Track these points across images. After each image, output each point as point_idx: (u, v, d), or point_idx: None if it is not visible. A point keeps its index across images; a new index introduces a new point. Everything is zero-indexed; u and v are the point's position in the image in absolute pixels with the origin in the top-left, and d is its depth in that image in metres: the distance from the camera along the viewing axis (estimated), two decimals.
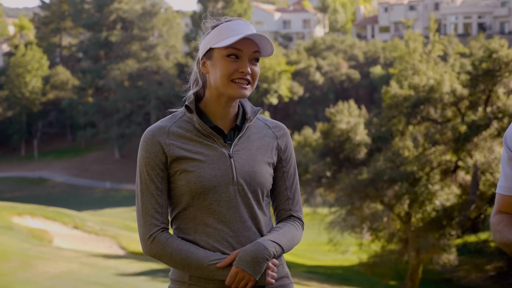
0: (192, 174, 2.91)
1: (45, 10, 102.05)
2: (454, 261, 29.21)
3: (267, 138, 3.08)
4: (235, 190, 2.94)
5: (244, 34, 2.90)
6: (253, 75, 2.95)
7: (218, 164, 2.94)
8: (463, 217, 29.47)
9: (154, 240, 2.92)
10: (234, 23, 2.97)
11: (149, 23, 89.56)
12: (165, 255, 2.90)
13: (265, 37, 2.90)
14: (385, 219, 30.15)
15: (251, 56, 2.94)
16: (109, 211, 60.02)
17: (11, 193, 71.58)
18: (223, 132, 3.01)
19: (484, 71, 28.49)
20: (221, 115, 3.01)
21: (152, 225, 2.93)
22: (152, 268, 25.44)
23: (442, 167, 29.81)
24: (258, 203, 3.01)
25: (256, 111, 3.09)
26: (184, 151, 2.94)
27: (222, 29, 2.96)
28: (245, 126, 3.03)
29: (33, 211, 35.94)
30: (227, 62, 2.92)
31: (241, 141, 3.01)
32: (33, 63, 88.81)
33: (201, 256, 2.87)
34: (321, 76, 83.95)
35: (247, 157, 2.99)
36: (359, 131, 31.71)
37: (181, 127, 2.98)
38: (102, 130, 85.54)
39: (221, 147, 2.97)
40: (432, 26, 39.85)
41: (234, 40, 2.88)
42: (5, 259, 22.91)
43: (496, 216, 3.21)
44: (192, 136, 2.97)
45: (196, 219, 2.96)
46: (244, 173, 2.96)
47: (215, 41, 2.95)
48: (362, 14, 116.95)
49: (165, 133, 2.96)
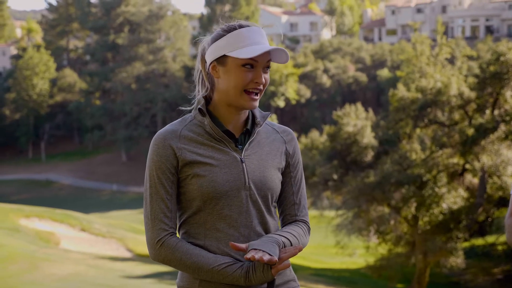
0: (204, 179, 2.88)
1: (52, 12, 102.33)
2: (461, 264, 29.14)
3: (276, 143, 3.07)
4: (246, 195, 2.93)
5: (262, 45, 2.90)
6: (265, 84, 2.95)
7: (231, 168, 2.92)
8: (471, 220, 29.39)
9: (163, 245, 2.88)
10: (249, 30, 2.92)
11: (156, 25, 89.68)
12: (175, 259, 2.87)
13: (284, 51, 2.89)
14: (392, 222, 30.09)
15: (265, 65, 2.93)
16: (116, 213, 60.07)
17: (18, 196, 71.74)
18: (234, 136, 2.99)
19: (491, 74, 28.41)
20: (232, 120, 2.99)
21: (161, 230, 2.89)
22: (158, 270, 25.47)
23: (450, 170, 29.74)
24: (267, 208, 3.00)
25: (265, 115, 3.08)
26: (196, 155, 2.91)
27: (238, 37, 2.91)
28: (255, 130, 3.01)
29: (41, 213, 36.02)
30: (243, 72, 2.89)
31: (251, 146, 2.99)
32: (40, 66, 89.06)
33: (212, 260, 2.84)
34: (328, 79, 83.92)
35: (258, 162, 2.98)
36: (366, 134, 31.66)
37: (192, 130, 2.96)
38: (109, 133, 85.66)
39: (232, 152, 2.95)
40: (439, 29, 39.70)
41: (257, 54, 2.85)
42: (12, 261, 22.96)
43: (511, 218, 3.21)
44: (204, 140, 2.94)
45: (206, 224, 2.93)
46: (255, 178, 2.95)
47: (230, 48, 2.91)
48: (369, 17, 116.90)
49: (176, 137, 2.92)
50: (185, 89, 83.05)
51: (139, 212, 60.17)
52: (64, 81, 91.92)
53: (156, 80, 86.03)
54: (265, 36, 2.95)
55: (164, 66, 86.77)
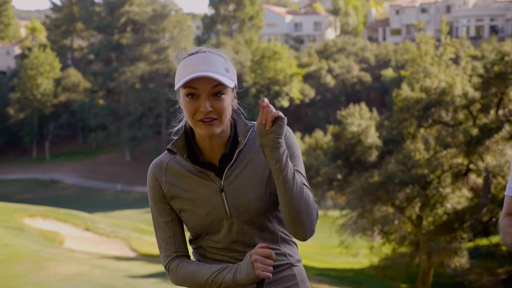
0: (189, 213, 2.99)
1: (56, 12, 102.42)
2: (465, 264, 29.10)
3: (261, 154, 2.97)
4: (230, 224, 2.96)
5: (195, 73, 2.81)
6: (216, 111, 2.84)
7: (211, 200, 2.95)
8: (475, 220, 29.37)
9: (169, 271, 3.06)
10: (192, 58, 2.88)
11: (160, 25, 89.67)
12: (180, 280, 3.02)
13: (211, 76, 2.80)
14: (396, 222, 30.07)
15: (211, 92, 2.83)
16: (120, 213, 60.10)
17: (22, 195, 71.82)
18: (214, 165, 2.97)
19: (496, 74, 28.39)
20: (209, 147, 2.97)
21: (165, 257, 3.07)
22: (162, 270, 25.44)
23: (454, 170, 29.72)
24: (261, 228, 2.99)
25: (247, 130, 3.00)
26: (179, 189, 2.99)
27: (180, 68, 2.89)
28: (235, 152, 2.96)
29: (45, 213, 36.07)
30: (188, 102, 2.86)
31: (233, 169, 2.95)
32: (45, 66, 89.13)
33: (206, 272, 2.93)
34: (332, 79, 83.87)
35: (240, 185, 2.95)
36: (370, 133, 31.65)
37: (179, 162, 3.00)
38: (113, 133, 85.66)
39: (213, 182, 2.95)
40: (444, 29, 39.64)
41: (182, 83, 2.82)
42: (17, 261, 23.00)
43: (505, 219, 3.20)
44: (187, 172, 2.98)
45: (204, 248, 3.05)
46: (237, 204, 2.95)
47: (176, 80, 2.91)
48: (373, 16, 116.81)
49: (162, 170, 3.01)
50: None
51: (143, 212, 60.22)
52: (68, 81, 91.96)
53: (160, 80, 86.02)
54: (212, 63, 2.86)
55: (168, 65, 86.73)
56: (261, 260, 2.81)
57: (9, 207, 36.88)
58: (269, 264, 2.82)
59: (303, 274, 3.11)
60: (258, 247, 2.83)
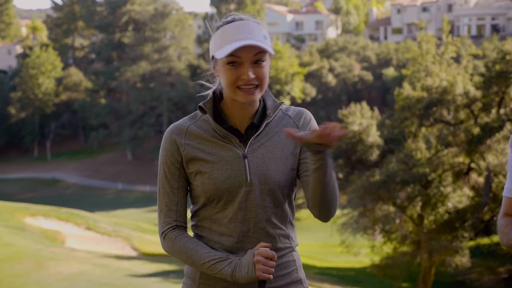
0: (205, 176, 2.93)
1: (57, 11, 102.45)
2: (466, 263, 29.10)
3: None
4: (248, 191, 2.92)
5: (239, 41, 2.82)
6: (258, 78, 2.87)
7: (232, 165, 2.93)
8: (476, 219, 29.37)
9: (165, 238, 3.00)
10: (231, 26, 2.89)
11: (161, 24, 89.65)
12: (174, 252, 2.98)
13: (256, 44, 2.83)
14: (398, 221, 30.07)
15: (253, 59, 2.86)
16: (122, 212, 60.15)
17: (24, 194, 71.85)
18: (239, 132, 2.98)
19: (497, 73, 28.38)
20: (239, 115, 2.98)
21: (165, 223, 3.01)
22: (164, 269, 25.48)
23: (455, 169, 29.72)
24: (276, 203, 2.97)
25: (277, 105, 3.04)
26: (199, 152, 2.95)
27: (220, 35, 2.90)
28: (263, 123, 2.99)
29: (46, 212, 36.08)
30: (228, 70, 2.87)
31: (258, 139, 2.97)
32: (47, 65, 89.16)
33: (204, 255, 2.90)
34: (333, 78, 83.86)
35: (263, 155, 2.95)
36: (371, 132, 31.65)
37: (200, 126, 2.99)
38: (114, 132, 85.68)
39: (236, 148, 2.95)
40: (445, 28, 39.66)
41: (227, 53, 2.83)
42: (19, 260, 23.00)
43: (503, 219, 3.20)
44: (209, 136, 2.96)
45: (211, 218, 2.99)
46: (258, 173, 2.93)
47: (215, 49, 2.92)
48: (375, 15, 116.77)
49: (182, 133, 2.98)
50: (191, 88, 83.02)
51: (144, 211, 60.26)
52: (69, 80, 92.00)
53: (161, 79, 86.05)
54: (252, 30, 2.88)
55: (169, 65, 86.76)
56: (263, 262, 2.79)
57: (10, 206, 36.89)
58: (271, 266, 2.80)
59: (299, 259, 3.11)
60: (260, 246, 2.82)
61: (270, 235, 2.97)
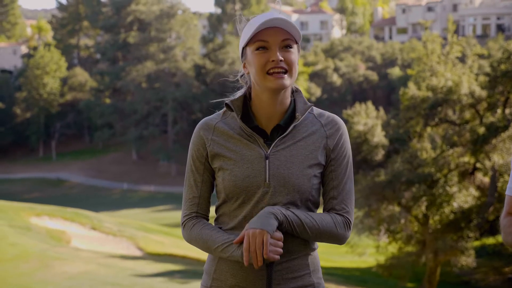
0: (227, 173, 2.97)
1: (62, 11, 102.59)
2: (472, 263, 29.05)
3: (315, 137, 3.00)
4: (265, 192, 2.93)
5: (264, 24, 2.88)
6: (287, 62, 2.91)
7: (253, 164, 2.94)
8: (481, 219, 29.31)
9: (184, 227, 3.09)
10: (258, 16, 2.96)
11: (166, 24, 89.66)
12: (192, 239, 3.06)
13: (283, 20, 2.88)
14: (403, 221, 30.02)
15: (281, 44, 2.90)
16: (127, 212, 60.19)
17: (29, 194, 71.97)
18: (265, 133, 2.99)
19: (502, 73, 28.32)
20: (266, 115, 2.99)
21: (185, 214, 3.11)
22: (169, 269, 25.51)
23: (460, 169, 29.67)
24: (292, 206, 2.95)
25: (307, 108, 3.03)
26: (223, 149, 2.99)
27: (247, 27, 2.96)
28: (291, 126, 2.98)
29: (51, 212, 36.14)
30: (257, 55, 2.91)
31: (283, 141, 2.97)
32: (51, 65, 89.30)
33: (218, 239, 2.94)
34: (338, 78, 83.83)
35: (286, 158, 2.95)
36: (376, 132, 31.61)
37: (228, 124, 3.02)
38: (119, 132, 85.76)
39: (260, 148, 2.96)
40: (450, 28, 39.63)
41: (251, 35, 2.89)
42: (24, 260, 23.06)
43: (506, 218, 3.20)
44: (235, 134, 2.99)
45: (229, 215, 3.02)
46: (278, 175, 2.93)
47: (244, 40, 2.97)
48: (380, 15, 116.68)
49: (210, 128, 3.03)
50: (196, 88, 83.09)
51: (149, 211, 60.32)
52: (74, 80, 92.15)
53: (166, 79, 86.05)
54: (277, 16, 2.92)
55: (175, 65, 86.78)
56: (272, 243, 2.81)
57: (16, 206, 36.96)
58: (279, 246, 2.83)
59: (317, 263, 3.08)
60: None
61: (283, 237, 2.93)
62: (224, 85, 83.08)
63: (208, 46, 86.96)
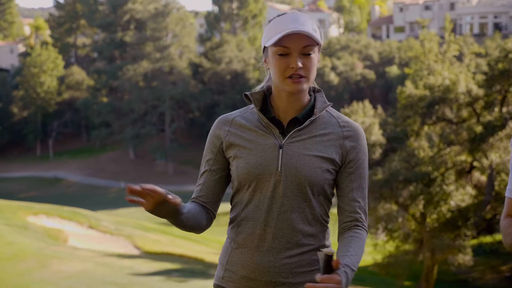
0: (240, 160, 3.02)
1: (59, 10, 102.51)
2: (469, 262, 29.10)
3: (332, 135, 3.04)
4: (277, 181, 2.96)
5: (289, 30, 2.91)
6: (305, 69, 2.94)
7: (266, 153, 2.99)
8: (479, 218, 29.35)
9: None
10: (282, 18, 3.01)
11: (162, 23, 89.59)
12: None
13: (306, 33, 2.90)
14: (400, 220, 30.06)
15: (302, 51, 2.93)
16: (124, 211, 60.14)
17: (26, 193, 71.92)
18: (282, 124, 3.04)
19: (500, 71, 28.35)
20: (283, 109, 3.05)
21: (191, 199, 3.17)
22: (167, 268, 25.50)
23: (457, 167, 29.70)
24: (304, 198, 2.98)
25: (325, 106, 3.11)
26: (239, 139, 3.04)
27: (271, 26, 3.01)
28: (308, 120, 3.02)
29: (49, 210, 36.09)
30: (278, 60, 2.95)
31: (299, 134, 3.00)
32: (48, 63, 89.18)
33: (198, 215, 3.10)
34: (336, 76, 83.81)
35: (299, 149, 2.98)
36: (374, 131, 31.63)
37: (246, 118, 3.09)
38: (116, 130, 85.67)
39: (275, 138, 3.00)
40: (447, 26, 39.67)
41: (274, 41, 2.93)
42: (21, 259, 23.04)
43: (506, 220, 3.19)
44: (252, 126, 3.05)
45: (242, 203, 3.05)
46: (290, 165, 2.96)
47: (266, 39, 3.02)
48: (377, 14, 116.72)
49: (228, 122, 3.10)
50: (193, 87, 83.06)
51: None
52: (72, 79, 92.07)
53: (163, 78, 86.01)
54: (304, 22, 2.98)
55: (171, 63, 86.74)
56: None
57: (13, 205, 36.91)
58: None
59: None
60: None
61: (293, 228, 2.98)
62: (222, 84, 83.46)
63: (206, 45, 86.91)
